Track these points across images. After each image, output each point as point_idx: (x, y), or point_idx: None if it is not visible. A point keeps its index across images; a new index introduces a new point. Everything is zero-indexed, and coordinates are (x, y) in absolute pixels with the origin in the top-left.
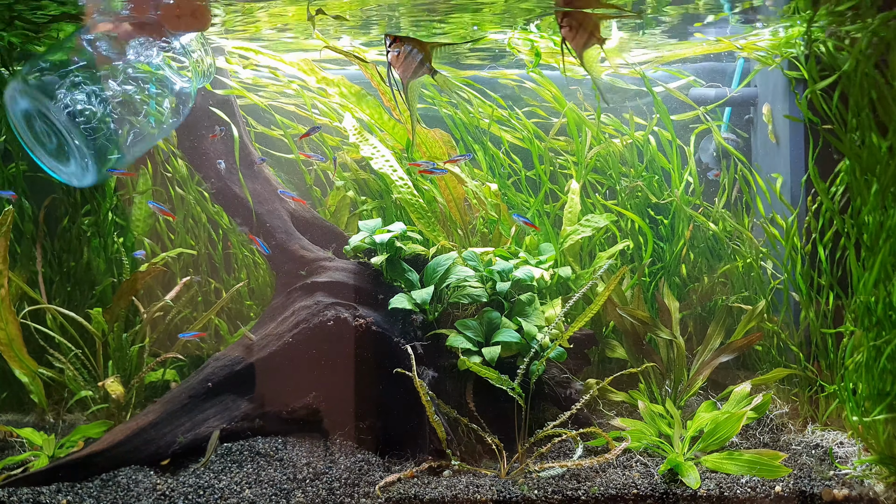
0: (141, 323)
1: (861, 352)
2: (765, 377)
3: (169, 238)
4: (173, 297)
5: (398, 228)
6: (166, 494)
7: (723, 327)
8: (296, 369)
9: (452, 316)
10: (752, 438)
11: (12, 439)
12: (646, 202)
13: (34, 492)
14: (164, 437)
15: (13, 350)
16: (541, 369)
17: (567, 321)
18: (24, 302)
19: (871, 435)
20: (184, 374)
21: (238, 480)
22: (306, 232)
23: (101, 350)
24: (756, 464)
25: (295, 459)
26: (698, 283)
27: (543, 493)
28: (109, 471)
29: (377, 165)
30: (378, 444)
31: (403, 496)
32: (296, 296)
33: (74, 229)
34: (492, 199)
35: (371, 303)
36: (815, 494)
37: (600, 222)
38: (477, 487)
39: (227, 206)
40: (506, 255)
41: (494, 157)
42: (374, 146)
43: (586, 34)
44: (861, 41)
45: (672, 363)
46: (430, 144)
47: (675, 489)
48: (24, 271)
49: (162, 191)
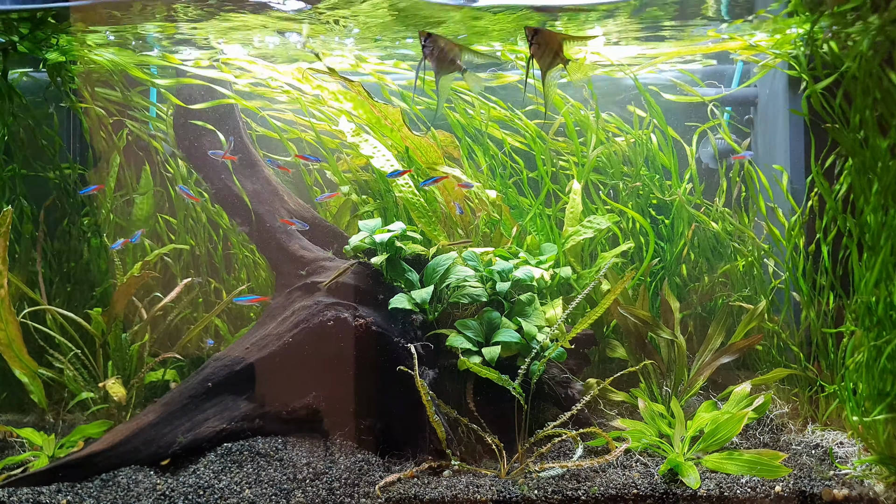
0: (140, 323)
1: (861, 352)
2: (765, 377)
3: (169, 238)
4: (174, 297)
5: (398, 228)
6: (166, 494)
7: (723, 327)
8: (296, 369)
9: (452, 316)
10: (753, 438)
11: (12, 439)
12: (647, 202)
13: (34, 492)
14: (163, 437)
15: (13, 350)
16: (541, 369)
17: (568, 321)
18: (23, 302)
19: (871, 435)
20: (184, 374)
21: (238, 480)
22: (306, 232)
23: (101, 350)
24: (756, 464)
25: (295, 459)
26: (699, 282)
27: (543, 493)
28: (109, 471)
29: (378, 164)
30: (378, 444)
31: (403, 496)
32: (296, 296)
33: (74, 230)
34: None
35: (371, 303)
36: (815, 494)
37: (602, 223)
38: (477, 487)
39: (227, 206)
40: (506, 255)
41: (495, 156)
42: (374, 146)
43: (552, 53)
44: (861, 42)
45: (672, 363)
46: (424, 150)
47: (675, 489)
48: (24, 272)
49: (162, 191)
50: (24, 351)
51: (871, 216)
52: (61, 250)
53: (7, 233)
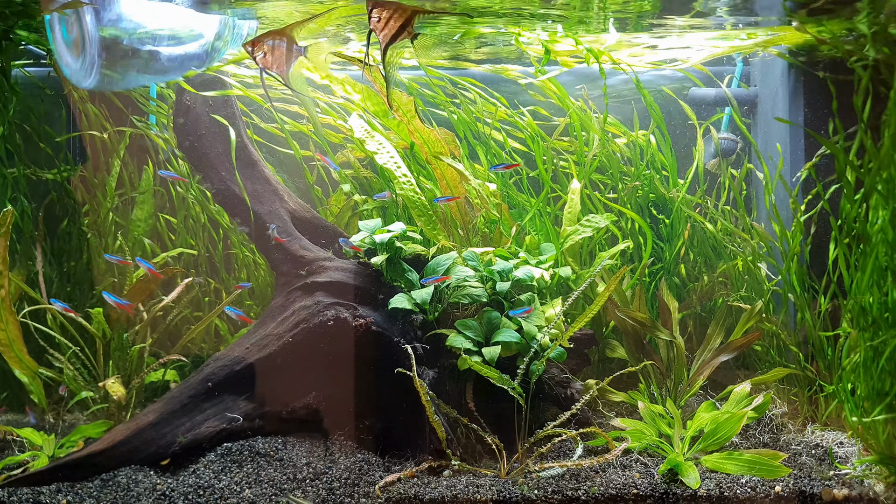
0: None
1: (858, 352)
2: (764, 377)
3: (169, 238)
4: (174, 297)
5: (398, 228)
6: (166, 494)
7: (723, 327)
8: (296, 369)
9: (452, 316)
10: (752, 438)
11: (12, 439)
12: (646, 201)
13: (34, 492)
14: (163, 437)
15: (13, 351)
16: (541, 369)
17: (567, 321)
18: (24, 302)
19: (870, 435)
20: (184, 374)
21: (238, 480)
22: (306, 232)
23: (101, 350)
24: (756, 464)
25: (295, 459)
26: (698, 282)
27: (543, 493)
28: (109, 471)
29: (382, 161)
30: (378, 443)
31: (403, 496)
32: (296, 296)
33: (74, 229)
34: (493, 198)
35: (371, 303)
36: (815, 494)
37: (601, 222)
38: (477, 487)
39: (227, 206)
40: (506, 255)
41: (497, 155)
42: (379, 142)
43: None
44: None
45: (672, 363)
46: (432, 143)
47: (675, 489)
48: (24, 271)
49: (162, 191)
50: (25, 351)
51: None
52: (61, 250)
53: (8, 233)
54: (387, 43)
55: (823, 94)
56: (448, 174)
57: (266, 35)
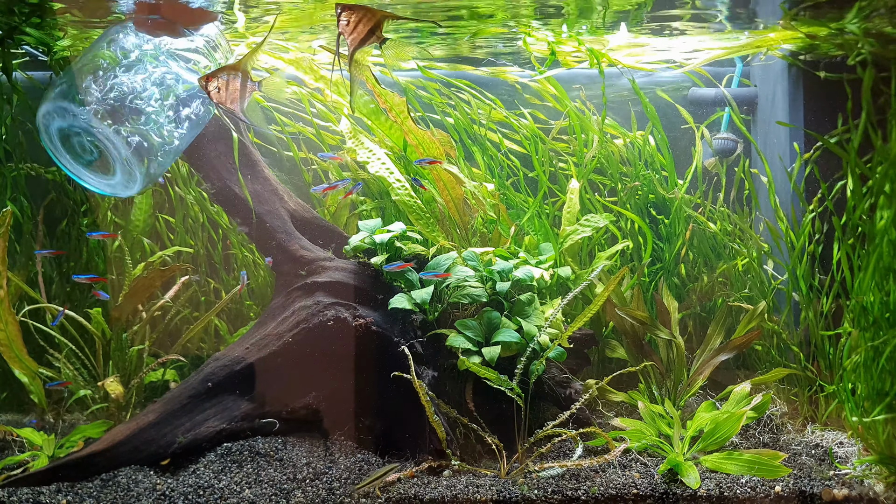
0: (140, 323)
1: (859, 352)
2: (764, 377)
3: (169, 238)
4: (172, 296)
5: (398, 228)
6: (166, 494)
7: (723, 327)
8: (296, 369)
9: (452, 316)
10: (752, 438)
11: (12, 439)
12: (646, 202)
13: (34, 492)
14: (164, 437)
15: (13, 351)
16: (540, 369)
17: (567, 321)
18: (23, 302)
19: (870, 435)
20: (184, 374)
21: (238, 480)
22: (306, 232)
23: (101, 350)
24: (756, 464)
25: (295, 459)
26: (697, 282)
27: (543, 493)
28: (109, 471)
29: (373, 169)
30: (378, 444)
31: (403, 496)
32: (296, 296)
33: (74, 229)
34: (490, 199)
35: (371, 303)
36: (814, 494)
37: (600, 222)
38: (477, 487)
39: (227, 206)
40: (505, 255)
41: (493, 157)
42: (370, 150)
43: (365, 31)
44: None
45: (672, 363)
46: (427, 145)
47: (675, 489)
48: (24, 271)
49: (162, 191)
50: (24, 351)
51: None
52: (61, 249)
53: (7, 233)
54: (355, 47)
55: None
56: (444, 175)
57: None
